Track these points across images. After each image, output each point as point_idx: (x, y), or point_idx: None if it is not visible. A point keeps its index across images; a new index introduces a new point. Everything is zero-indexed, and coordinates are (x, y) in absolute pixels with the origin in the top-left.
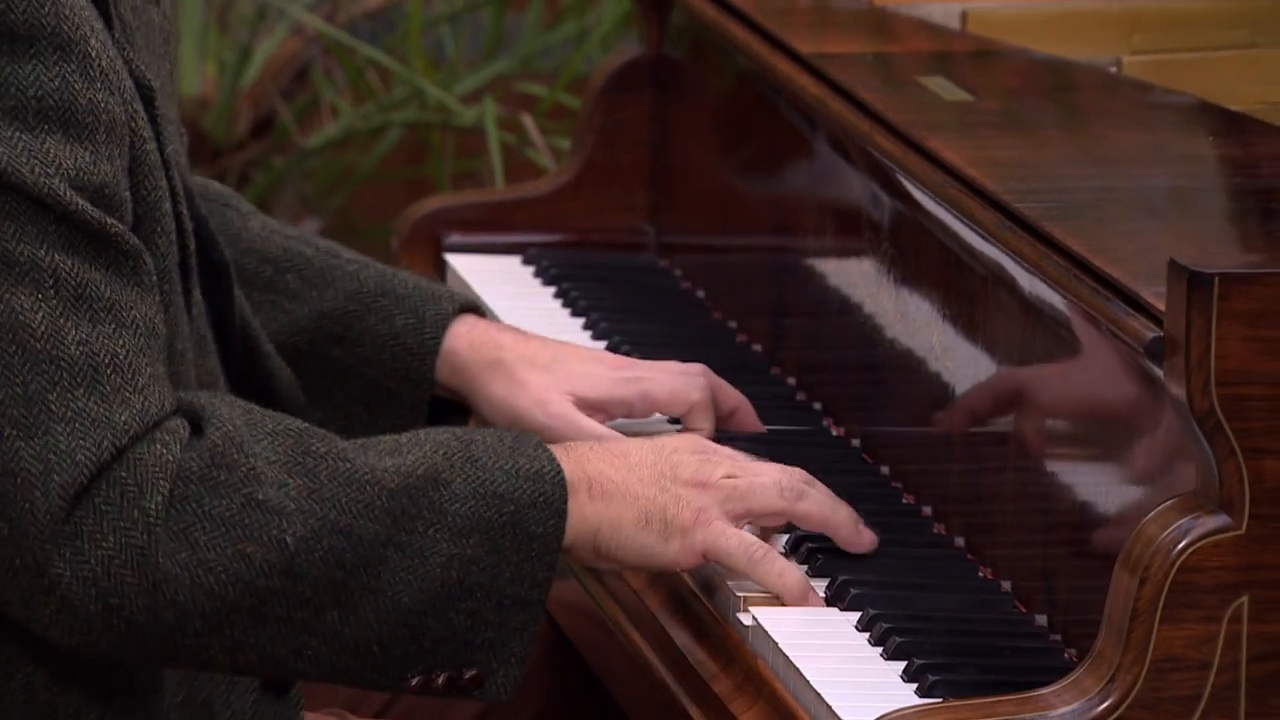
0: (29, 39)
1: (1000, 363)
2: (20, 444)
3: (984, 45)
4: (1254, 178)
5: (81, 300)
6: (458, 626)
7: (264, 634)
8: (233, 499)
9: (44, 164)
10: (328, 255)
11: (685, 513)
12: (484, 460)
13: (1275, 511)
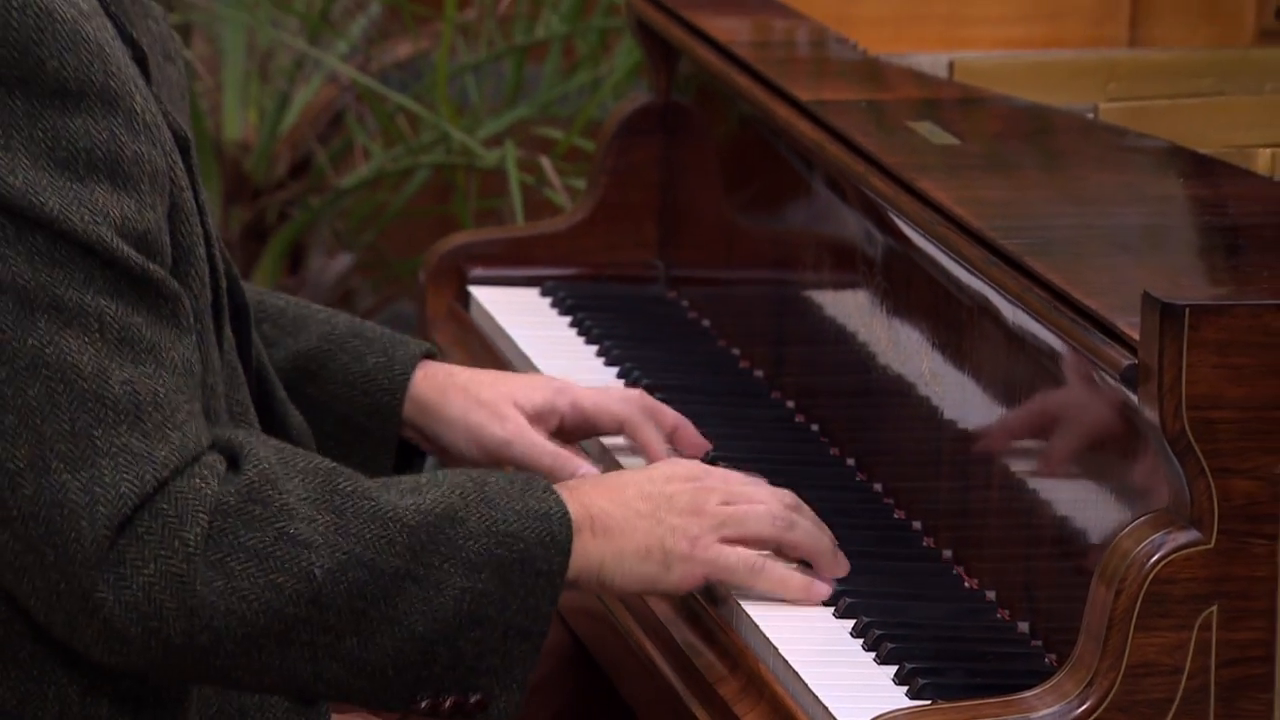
0: (79, 95)
1: (985, 388)
2: (67, 477)
3: (969, 93)
4: (1221, 216)
5: (125, 342)
6: (465, 654)
7: (289, 657)
8: (266, 532)
9: (93, 212)
10: (299, 306)
11: (682, 542)
12: (496, 500)
13: (1242, 527)
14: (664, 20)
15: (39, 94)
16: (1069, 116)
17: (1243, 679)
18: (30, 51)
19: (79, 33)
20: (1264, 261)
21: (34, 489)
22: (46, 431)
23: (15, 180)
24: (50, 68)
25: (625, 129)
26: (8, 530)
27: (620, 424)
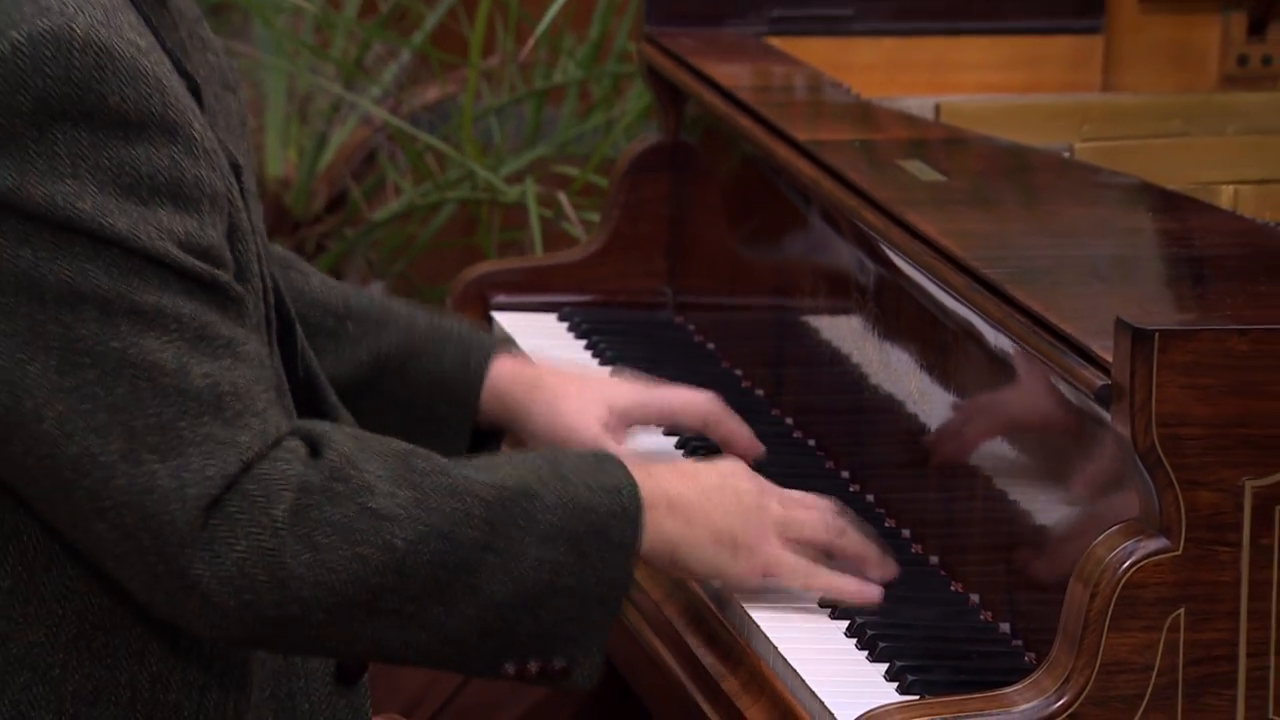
0: (140, 125)
1: (969, 406)
2: (158, 466)
3: (954, 133)
4: (1188, 248)
5: (202, 339)
6: (546, 621)
7: (378, 626)
8: (349, 507)
9: (158, 231)
10: (382, 306)
11: (752, 534)
12: (570, 476)
13: (1207, 535)
14: (672, 66)
15: (103, 126)
16: (1046, 155)
17: (1208, 677)
18: (92, 88)
19: (137, 68)
20: (1227, 289)
21: (127, 479)
22: (136, 425)
23: (84, 205)
24: (112, 102)
25: (636, 167)
26: (104, 521)
27: (704, 419)
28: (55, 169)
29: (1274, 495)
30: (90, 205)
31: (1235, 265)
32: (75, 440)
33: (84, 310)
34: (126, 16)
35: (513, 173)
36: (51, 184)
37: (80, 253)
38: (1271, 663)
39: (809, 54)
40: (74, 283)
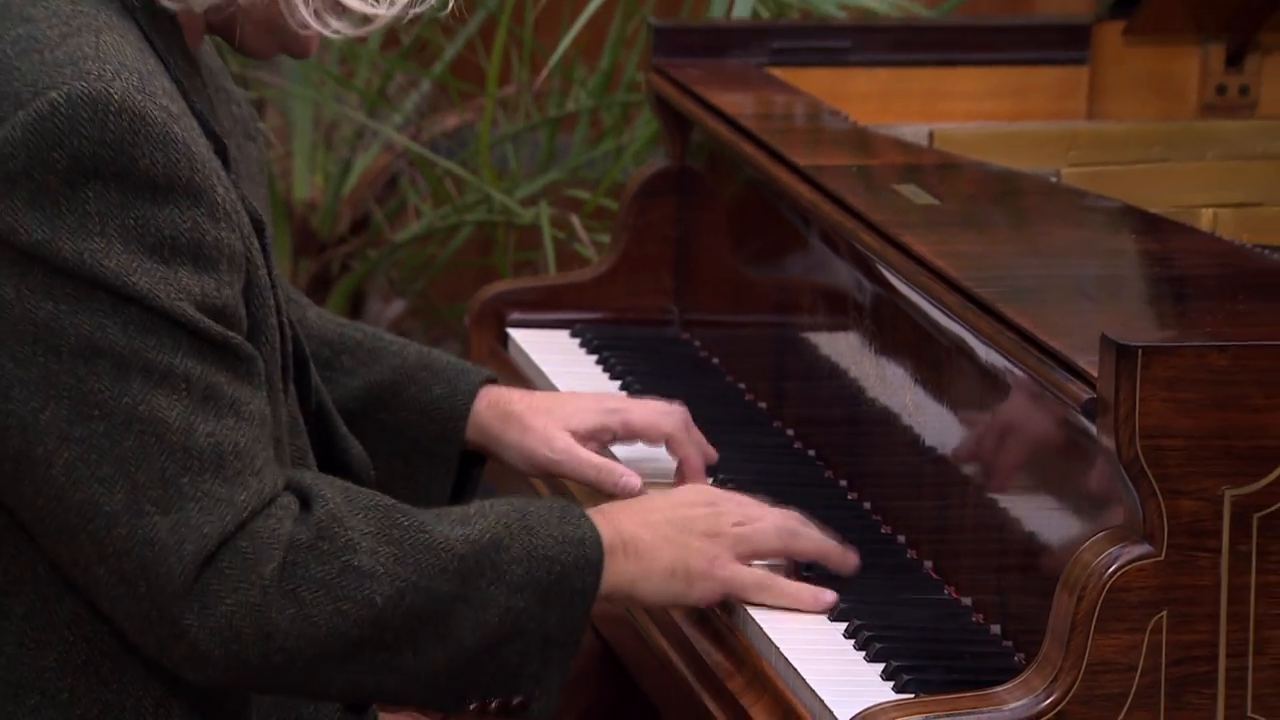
0: (168, 188)
1: (962, 419)
2: (158, 519)
3: (947, 159)
4: (1169, 268)
5: (209, 399)
6: (509, 663)
7: (352, 671)
8: (333, 565)
9: (177, 291)
10: (374, 338)
11: (702, 562)
12: (537, 528)
13: (1188, 541)
14: (678, 95)
15: (132, 187)
16: (1035, 180)
17: (1189, 676)
18: (125, 150)
19: (168, 134)
20: (1207, 307)
21: (128, 529)
22: (140, 479)
23: (110, 262)
24: (142, 165)
25: (644, 191)
26: (104, 565)
27: (666, 438)
28: (85, 226)
29: (1252, 504)
30: (115, 263)
31: (1215, 285)
32: (81, 488)
33: (99, 364)
34: (160, 82)
35: (527, 196)
36: (81, 240)
37: (100, 308)
38: (1250, 663)
39: (808, 84)
40: (92, 337)
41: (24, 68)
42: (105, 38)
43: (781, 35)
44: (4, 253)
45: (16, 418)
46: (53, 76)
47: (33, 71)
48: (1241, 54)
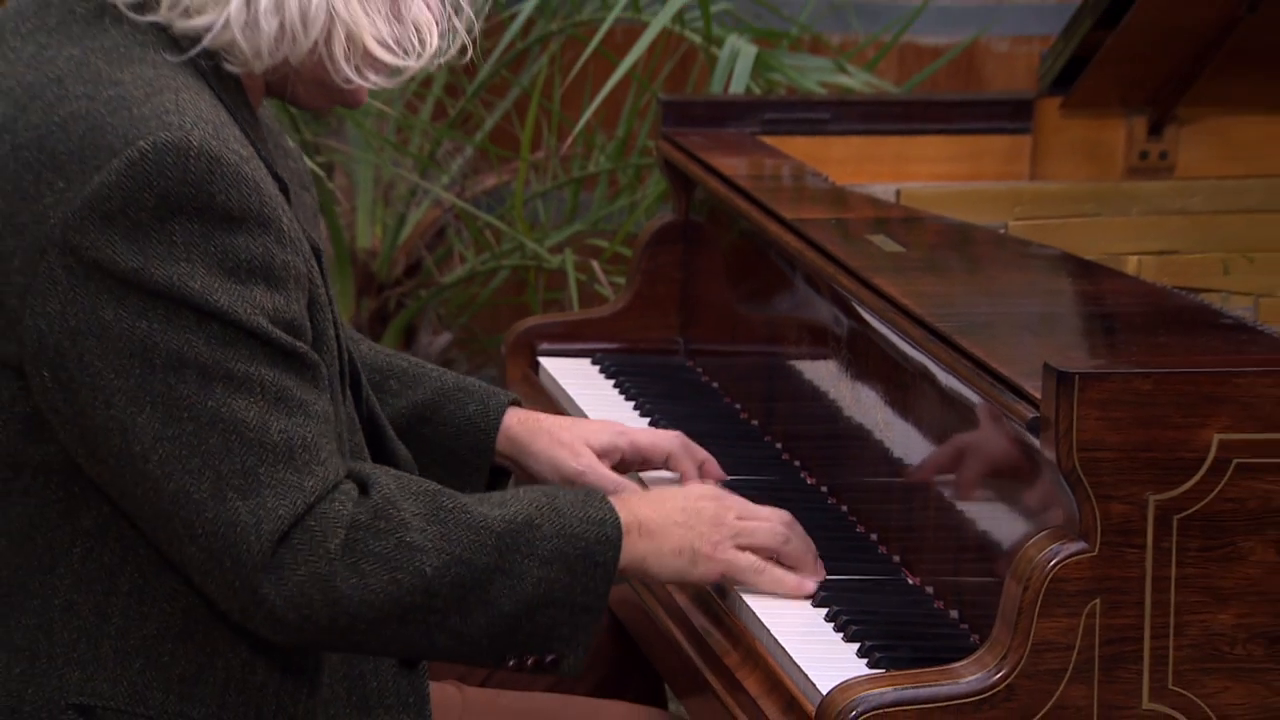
0: (241, 219)
1: (925, 434)
2: (239, 504)
3: (912, 213)
4: (1100, 306)
5: (280, 401)
6: (542, 626)
7: (407, 633)
8: (389, 540)
9: (252, 307)
10: (417, 365)
11: (706, 546)
12: (564, 510)
13: (1118, 539)
14: (683, 159)
15: (211, 219)
16: (986, 231)
17: (1119, 655)
18: (204, 188)
19: (240, 173)
20: (1133, 340)
21: (214, 513)
22: (223, 470)
23: (194, 284)
24: (219, 200)
25: (654, 240)
26: (194, 544)
27: (666, 457)
28: (172, 254)
29: (1173, 507)
30: (199, 285)
31: (1139, 321)
32: (173, 479)
33: (186, 373)
34: (232, 130)
35: (554, 245)
36: (169, 266)
37: (187, 325)
38: (1170, 644)
39: (794, 149)
40: (180, 350)
41: (116, 123)
42: (184, 95)
43: (771, 108)
44: (103, 280)
45: (117, 421)
46: (140, 129)
47: (123, 125)
48: (1161, 125)
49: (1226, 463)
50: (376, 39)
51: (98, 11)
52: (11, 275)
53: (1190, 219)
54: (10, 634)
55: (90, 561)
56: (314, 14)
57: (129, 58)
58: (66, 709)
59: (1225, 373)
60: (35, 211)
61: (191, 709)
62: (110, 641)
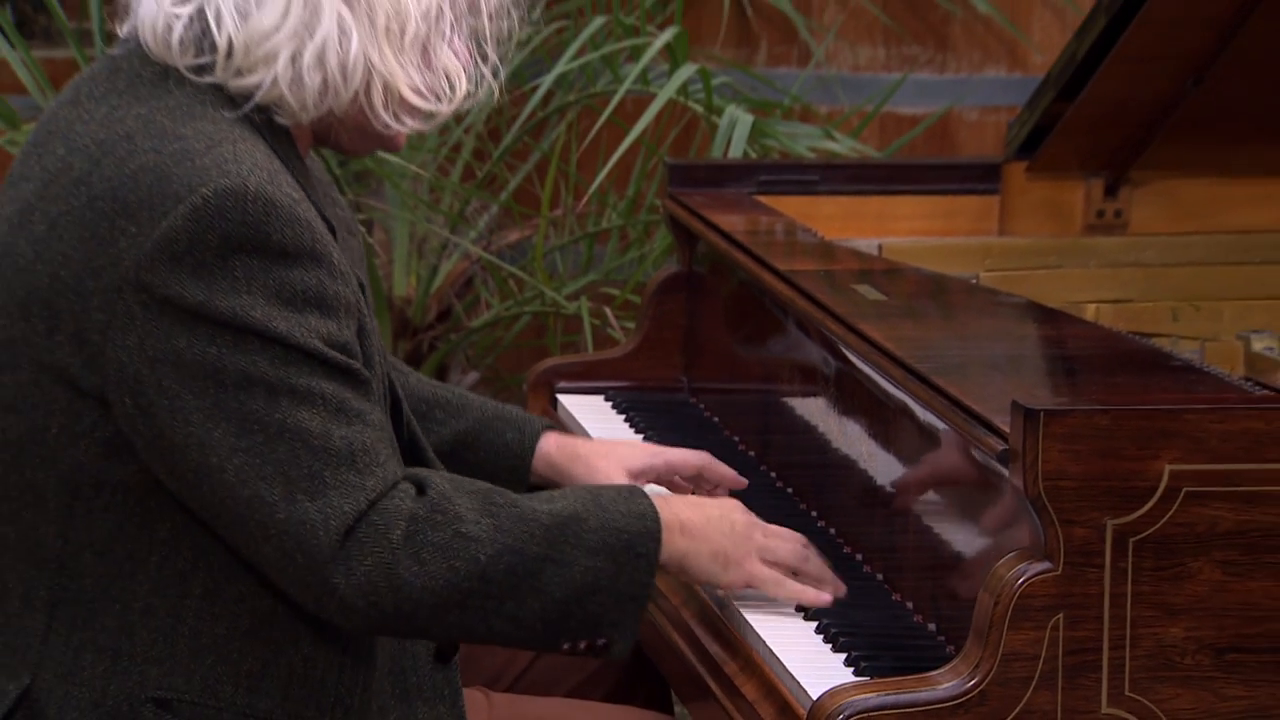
0: (296, 255)
1: (905, 464)
2: (308, 504)
3: (893, 265)
4: (1062, 349)
5: (340, 411)
6: (591, 613)
7: (466, 618)
8: (446, 532)
9: (308, 332)
10: (460, 396)
11: (738, 554)
12: (608, 506)
13: (1080, 560)
14: (687, 216)
15: (269, 256)
16: (960, 281)
17: (1080, 664)
18: (261, 228)
19: (294, 213)
20: (1092, 379)
21: (286, 514)
22: (293, 475)
23: (256, 314)
24: (275, 238)
25: (661, 289)
26: (270, 544)
27: (699, 469)
28: (235, 288)
29: (1128, 531)
30: (260, 314)
31: (1098, 362)
32: (248, 486)
33: (255, 391)
34: (285, 176)
35: (571, 293)
36: (232, 299)
37: (252, 349)
38: (1127, 654)
39: (786, 207)
40: (247, 371)
41: (180, 173)
42: (240, 146)
43: (766, 170)
44: (174, 313)
45: (195, 438)
46: (202, 177)
47: (187, 175)
48: (1116, 186)
49: (1177, 491)
50: (411, 87)
51: (161, 75)
52: (92, 313)
53: (1142, 271)
54: (96, 635)
55: (166, 569)
56: (353, 68)
57: (191, 114)
58: (146, 702)
59: (1175, 410)
60: (111, 255)
61: (258, 701)
62: (184, 640)
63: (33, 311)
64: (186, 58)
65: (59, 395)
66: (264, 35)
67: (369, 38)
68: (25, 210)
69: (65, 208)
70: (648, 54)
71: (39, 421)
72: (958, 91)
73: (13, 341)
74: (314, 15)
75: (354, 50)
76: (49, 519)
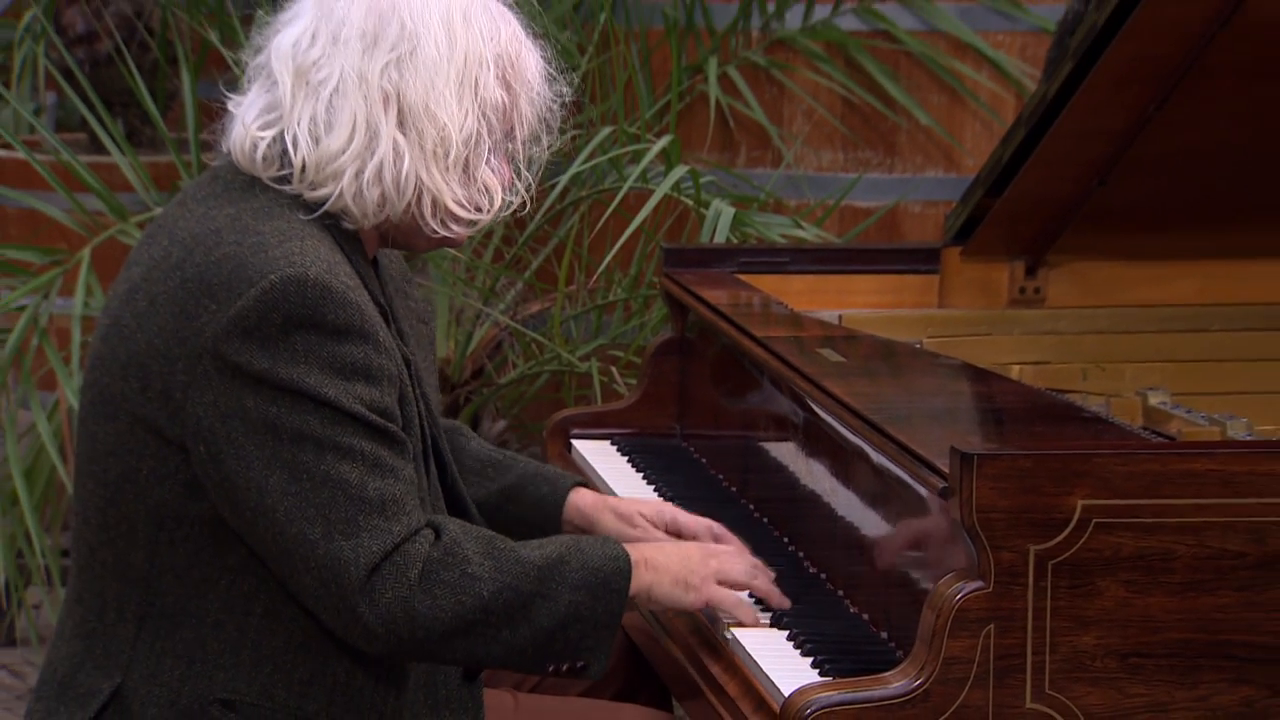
0: (347, 332)
1: (861, 499)
2: (343, 543)
3: (851, 332)
4: (992, 403)
5: (376, 466)
6: (573, 639)
7: (470, 643)
8: (455, 571)
9: (354, 398)
10: (509, 459)
11: (696, 580)
12: (587, 551)
13: (1007, 579)
14: (680, 291)
15: (324, 332)
16: (906, 346)
17: (1008, 667)
18: (318, 309)
19: (346, 297)
20: (1017, 428)
21: (324, 551)
22: (332, 518)
23: (310, 381)
24: (329, 319)
25: (658, 352)
26: (309, 575)
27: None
28: (294, 359)
29: (1048, 555)
30: (314, 381)
31: (1021, 414)
32: (294, 525)
33: (306, 445)
34: (344, 268)
35: (583, 355)
36: (291, 368)
37: (306, 410)
38: (1047, 658)
39: (763, 284)
40: (300, 429)
41: (255, 262)
42: (307, 242)
43: (745, 254)
44: (243, 378)
45: (254, 482)
46: (272, 266)
47: (260, 263)
48: (1035, 268)
49: (1088, 522)
50: (454, 200)
51: (249, 183)
52: (177, 375)
53: (1057, 338)
54: (175, 644)
55: (234, 591)
56: (405, 183)
57: (270, 215)
58: (213, 702)
59: (1086, 454)
60: (195, 327)
61: (307, 705)
62: (248, 651)
63: (130, 373)
64: (270, 170)
65: (149, 442)
66: (332, 156)
67: (419, 159)
68: (133, 289)
69: (163, 288)
70: (647, 157)
71: (132, 464)
72: (903, 189)
73: (114, 397)
74: (373, 140)
75: (406, 169)
76: (138, 545)
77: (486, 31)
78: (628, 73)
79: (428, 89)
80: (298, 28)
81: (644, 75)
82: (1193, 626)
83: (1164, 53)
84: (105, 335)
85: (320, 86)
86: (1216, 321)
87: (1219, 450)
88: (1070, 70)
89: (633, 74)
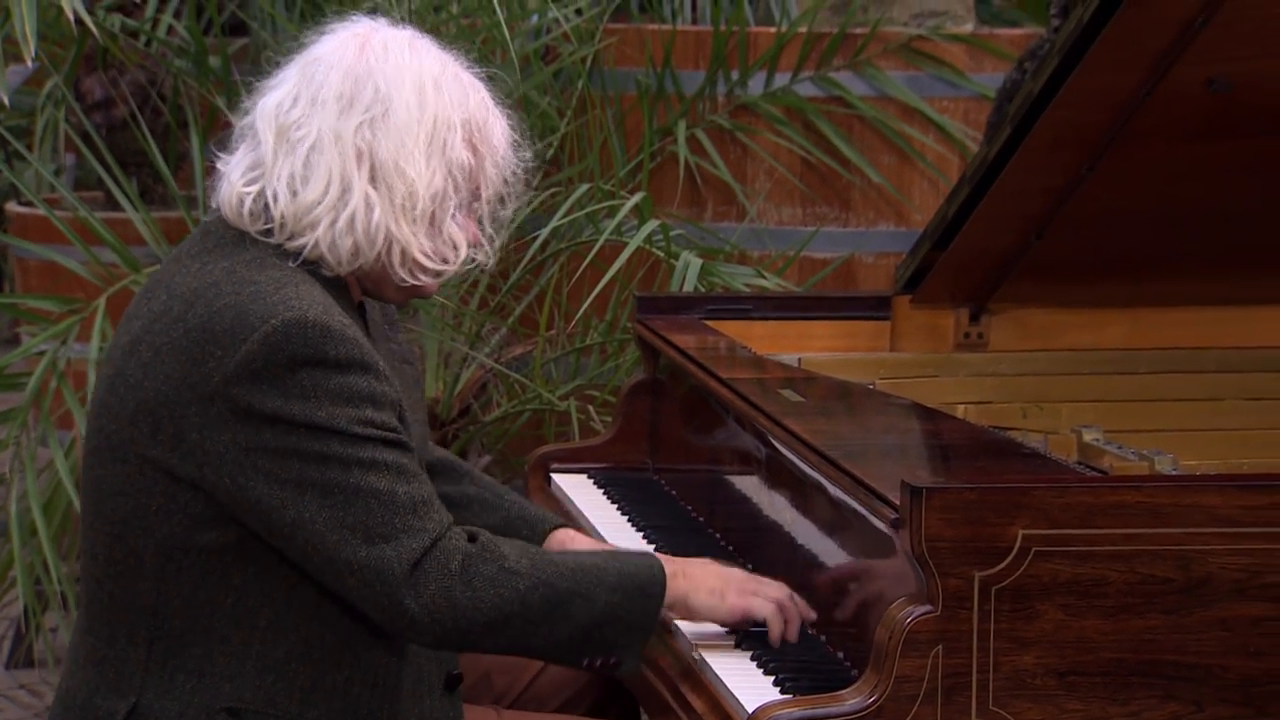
0: (349, 365)
1: (820, 529)
2: (384, 545)
3: (810, 374)
4: (939, 440)
5: (401, 473)
6: (608, 636)
7: (510, 635)
8: (493, 565)
9: (364, 421)
10: (497, 497)
11: (729, 590)
12: (624, 557)
13: (954, 604)
14: (651, 336)
15: (328, 367)
16: (860, 387)
17: (955, 685)
18: (320, 348)
19: (345, 334)
20: (963, 465)
21: (366, 553)
22: (370, 524)
23: (322, 413)
24: (331, 354)
25: (632, 392)
26: (354, 578)
27: None
28: (303, 395)
29: (991, 581)
30: (325, 413)
31: (966, 450)
32: (334, 534)
33: (331, 465)
34: (336, 308)
35: (563, 394)
36: (302, 405)
37: (324, 436)
38: (991, 677)
39: (728, 329)
40: (323, 452)
41: (255, 309)
42: (301, 287)
43: (712, 301)
44: (258, 415)
45: (289, 503)
46: (273, 310)
47: (261, 310)
48: (978, 315)
49: (1028, 550)
50: (421, 251)
51: (239, 237)
52: (190, 418)
53: (999, 379)
54: (185, 661)
55: (239, 607)
56: (374, 233)
57: (263, 265)
58: (219, 711)
59: (1026, 488)
60: (203, 373)
61: (308, 712)
62: (252, 662)
63: (140, 419)
64: (256, 224)
65: (159, 480)
66: (308, 208)
67: (389, 211)
68: (134, 341)
69: (166, 339)
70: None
71: (141, 501)
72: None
73: (122, 442)
74: (346, 192)
75: (376, 220)
76: (145, 577)
77: (456, 98)
78: (603, 134)
79: (398, 148)
80: (281, 91)
81: (618, 137)
82: (1125, 647)
83: (1094, 119)
84: (110, 385)
85: (299, 144)
86: (1145, 364)
87: (1147, 484)
88: (1009, 134)
89: (608, 135)
